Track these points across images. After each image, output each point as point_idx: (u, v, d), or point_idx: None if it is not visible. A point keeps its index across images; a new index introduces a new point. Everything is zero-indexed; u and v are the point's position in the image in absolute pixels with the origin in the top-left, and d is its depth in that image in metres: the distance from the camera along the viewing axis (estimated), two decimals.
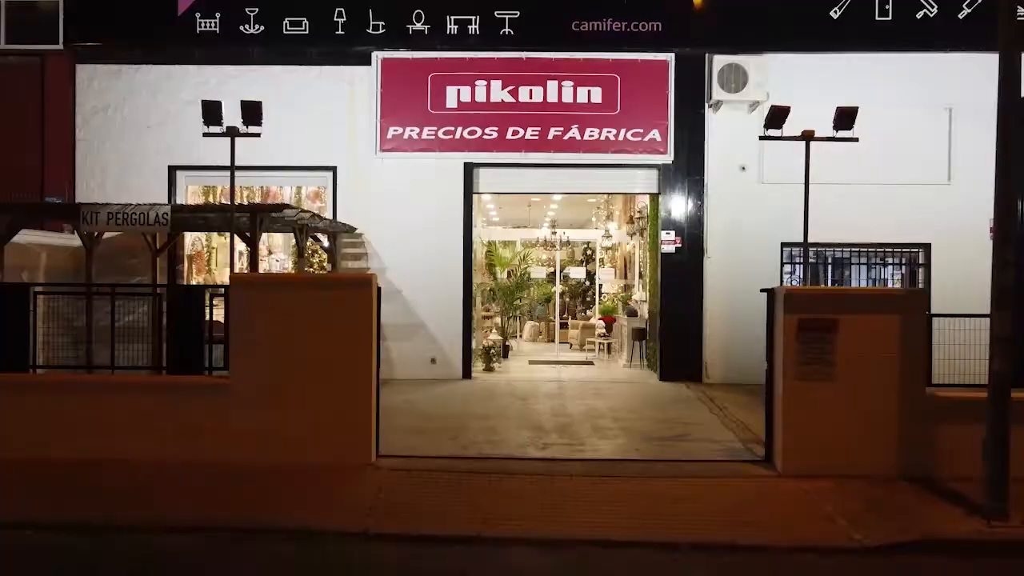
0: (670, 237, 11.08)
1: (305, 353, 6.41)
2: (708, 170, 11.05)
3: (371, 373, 6.52)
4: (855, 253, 11.42)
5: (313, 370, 6.41)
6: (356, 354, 6.45)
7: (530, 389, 10.42)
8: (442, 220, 11.15)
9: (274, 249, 13.71)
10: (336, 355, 6.42)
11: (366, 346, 6.47)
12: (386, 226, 11.12)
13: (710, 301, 11.05)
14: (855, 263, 11.54)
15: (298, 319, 6.41)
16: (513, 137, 11.04)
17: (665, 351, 11.15)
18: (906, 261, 11.71)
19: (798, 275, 11.45)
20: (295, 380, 6.40)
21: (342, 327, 6.43)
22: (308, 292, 6.51)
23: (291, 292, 6.54)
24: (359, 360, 6.46)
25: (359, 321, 6.46)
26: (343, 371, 6.43)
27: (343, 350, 6.42)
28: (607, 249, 14.77)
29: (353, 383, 6.46)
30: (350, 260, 11.20)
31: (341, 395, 6.43)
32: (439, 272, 11.14)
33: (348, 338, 6.43)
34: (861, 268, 11.73)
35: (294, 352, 6.40)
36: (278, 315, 6.41)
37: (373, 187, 11.13)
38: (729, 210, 11.05)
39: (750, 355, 10.90)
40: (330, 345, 6.41)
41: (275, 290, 6.53)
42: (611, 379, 11.52)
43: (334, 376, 6.42)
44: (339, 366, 6.43)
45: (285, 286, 6.63)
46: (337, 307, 6.46)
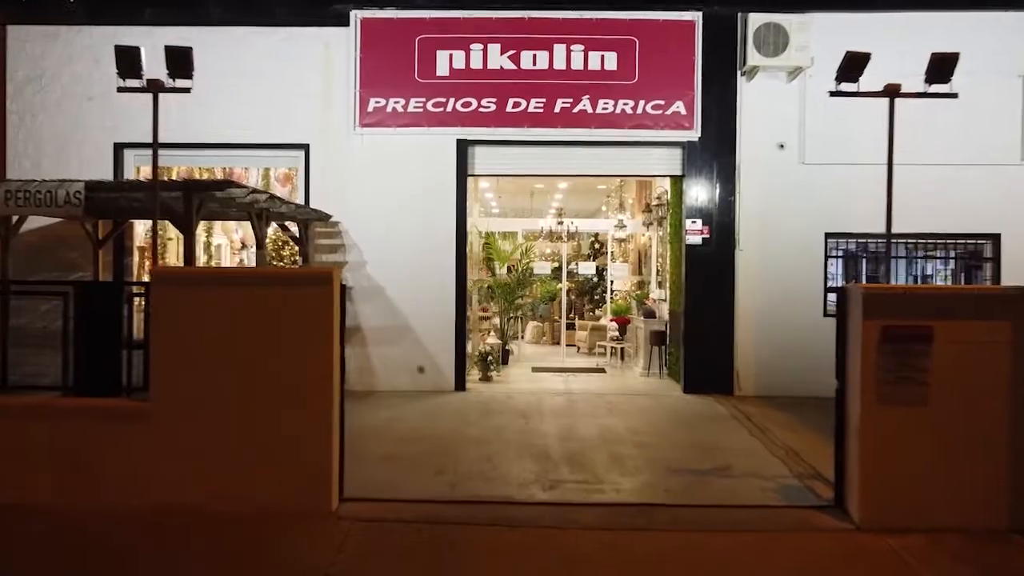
0: (696, 226, 9.77)
1: (247, 368, 5.14)
2: (740, 149, 9.74)
3: (332, 392, 5.24)
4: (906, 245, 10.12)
5: (257, 390, 5.14)
6: (313, 369, 5.18)
7: (533, 403, 9.12)
8: (432, 207, 9.86)
9: (249, 241, 12.42)
10: (287, 370, 5.14)
11: (326, 358, 5.19)
12: (367, 213, 9.84)
13: (742, 300, 9.75)
14: (902, 257, 10.25)
15: (238, 325, 5.14)
16: (514, 110, 9.74)
17: (690, 358, 9.86)
18: (964, 254, 10.42)
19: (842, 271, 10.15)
20: (233, 403, 5.13)
21: (295, 335, 5.15)
22: (252, 291, 5.22)
23: (230, 291, 5.25)
24: (317, 376, 5.19)
25: (317, 327, 5.18)
26: (296, 391, 5.16)
27: (296, 364, 5.15)
28: (620, 241, 13.49)
29: (309, 406, 5.19)
30: (324, 253, 9.91)
31: (293, 421, 5.15)
32: (428, 267, 9.85)
33: (303, 349, 5.16)
34: (899, 263, 10.44)
35: (232, 367, 5.13)
36: (213, 320, 5.14)
37: (351, 168, 9.84)
38: (765, 195, 9.75)
39: (789, 363, 9.64)
40: (279, 358, 5.14)
41: (209, 288, 5.24)
42: (627, 391, 10.22)
43: (284, 397, 5.15)
44: (291, 384, 5.15)
45: (222, 283, 5.34)
46: (289, 310, 5.17)
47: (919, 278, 10.81)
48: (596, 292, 17.16)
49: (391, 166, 9.85)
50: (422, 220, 9.85)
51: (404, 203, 9.84)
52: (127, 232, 9.88)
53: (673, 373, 10.85)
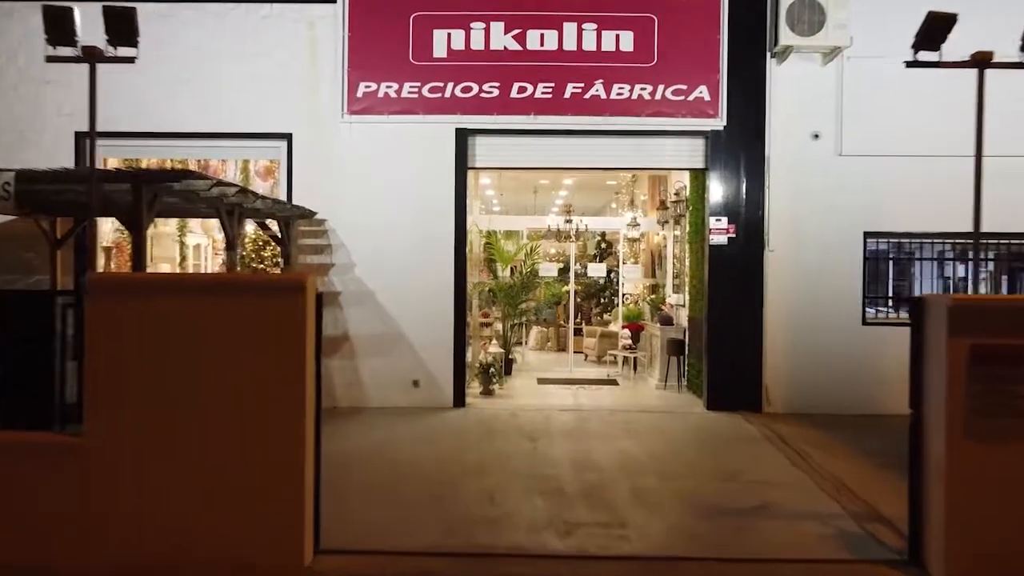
0: (721, 225, 8.93)
1: (202, 395, 4.30)
2: (770, 139, 8.90)
3: (304, 421, 4.42)
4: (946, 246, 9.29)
5: (215, 419, 4.31)
6: (282, 394, 4.35)
7: (540, 422, 8.29)
8: (428, 203, 9.03)
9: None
10: (252, 396, 4.32)
11: (297, 381, 4.37)
12: (356, 210, 9.00)
13: (772, 307, 8.91)
14: (929, 258, 9.43)
15: (192, 343, 4.30)
16: (519, 96, 8.90)
17: (713, 371, 9.01)
18: (1007, 255, 9.59)
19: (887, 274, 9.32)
20: (184, 436, 4.29)
21: (261, 353, 4.32)
22: (210, 302, 4.38)
23: (183, 302, 4.41)
24: (287, 403, 4.36)
25: (287, 343, 4.36)
26: (262, 420, 4.33)
27: (262, 388, 4.32)
28: (632, 241, 12.65)
29: (277, 438, 4.36)
30: (309, 253, 9.07)
31: (259, 457, 4.32)
32: (424, 269, 9.02)
33: (270, 370, 4.33)
34: (925, 265, 9.63)
35: (184, 393, 4.29)
36: (162, 337, 4.30)
37: (339, 160, 9.00)
38: (797, 190, 8.91)
39: (824, 377, 8.81)
40: (242, 380, 4.31)
41: (158, 299, 4.40)
42: (643, 406, 9.38)
43: (248, 428, 4.32)
44: (256, 412, 4.33)
45: (173, 293, 4.49)
46: (253, 324, 4.34)
47: (952, 285, 9.99)
48: (604, 295, 16.34)
49: (383, 158, 9.01)
50: (417, 218, 9.01)
51: (397, 199, 9.01)
52: (90, 230, 9.02)
53: (693, 386, 10.01)
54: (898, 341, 9.03)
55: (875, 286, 9.26)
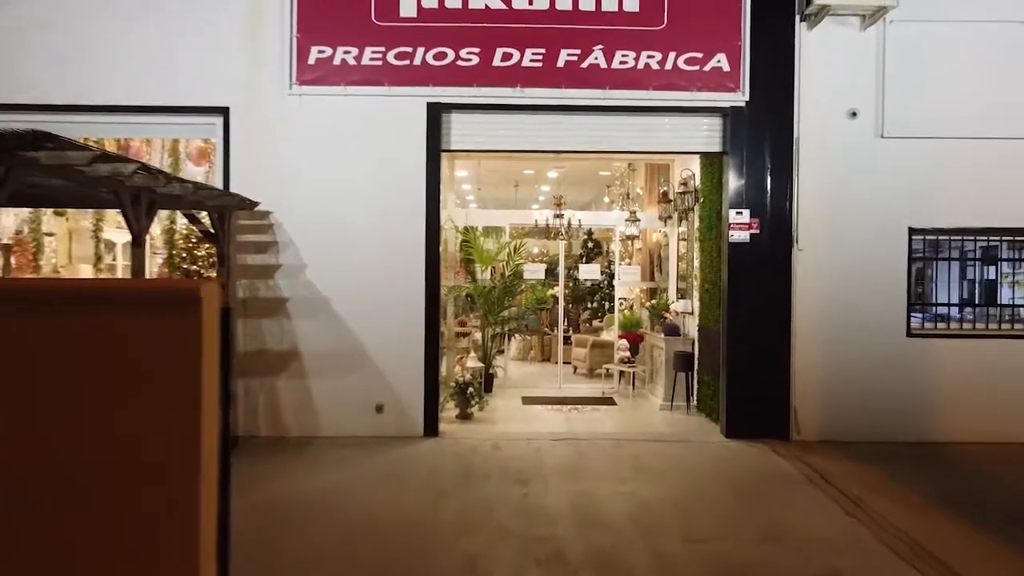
0: (743, 219, 7.71)
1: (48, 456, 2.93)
2: (800, 117, 7.70)
3: (197, 482, 3.06)
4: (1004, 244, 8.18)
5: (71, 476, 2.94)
6: (165, 443, 2.97)
7: (530, 457, 7.00)
8: (394, 193, 7.71)
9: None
10: (122, 445, 2.95)
11: (188, 425, 2.99)
12: (307, 201, 7.66)
13: (802, 315, 7.72)
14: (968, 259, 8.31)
15: (42, 372, 2.94)
16: (503, 64, 7.61)
17: (733, 391, 7.79)
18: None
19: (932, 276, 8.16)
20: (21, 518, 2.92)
21: (135, 386, 2.96)
22: (53, 322, 3.02)
23: (26, 320, 3.04)
24: (172, 457, 2.98)
25: (174, 373, 2.99)
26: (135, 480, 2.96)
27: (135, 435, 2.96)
28: (630, 239, 11.42)
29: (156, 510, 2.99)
30: (250, 252, 7.70)
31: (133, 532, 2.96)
32: (390, 271, 7.70)
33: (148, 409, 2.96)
34: (959, 267, 8.51)
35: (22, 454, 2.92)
36: None
37: (286, 140, 7.66)
38: (831, 178, 7.73)
39: (864, 398, 7.63)
40: (109, 423, 2.95)
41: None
42: (650, 433, 8.13)
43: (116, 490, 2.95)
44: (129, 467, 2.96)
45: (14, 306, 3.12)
46: (125, 348, 2.98)
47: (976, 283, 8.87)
48: (594, 299, 15.10)
49: (340, 138, 7.68)
50: (381, 210, 7.69)
51: (357, 187, 7.68)
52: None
53: (705, 408, 8.79)
54: (949, 355, 7.98)
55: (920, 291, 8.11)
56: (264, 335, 7.68)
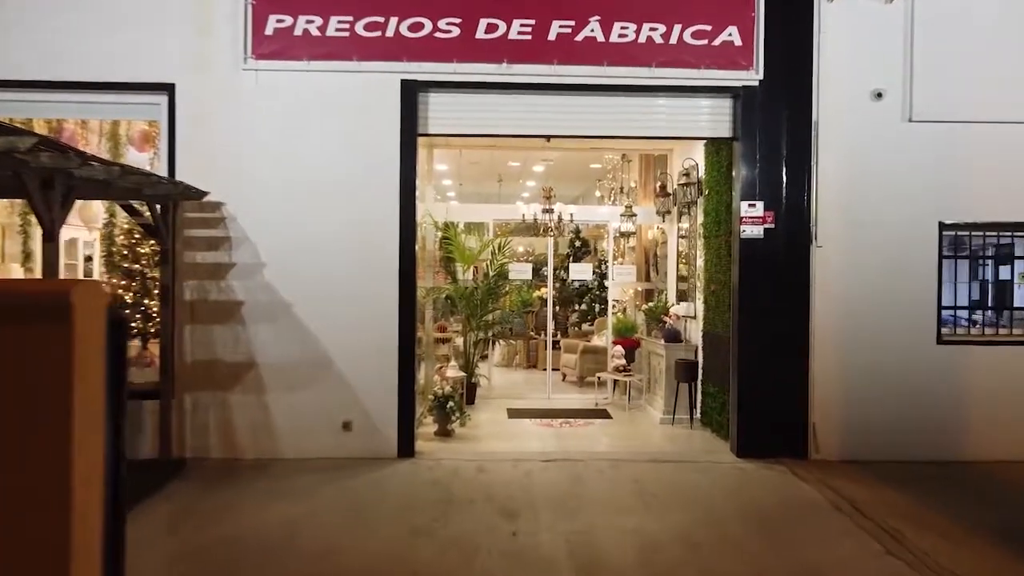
0: (756, 212, 6.98)
1: None
2: (820, 99, 6.99)
3: (67, 539, 2.25)
4: None
5: None
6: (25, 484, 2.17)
7: (518, 482, 6.22)
8: (365, 182, 6.91)
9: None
10: None
11: (57, 461, 2.20)
12: (265, 192, 6.84)
13: (821, 320, 7.00)
14: None
15: None
16: (487, 36, 6.83)
17: (745, 404, 7.06)
18: None
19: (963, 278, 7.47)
20: None
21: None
22: None
23: None
24: (35, 500, 2.18)
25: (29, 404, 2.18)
26: None
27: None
28: (624, 236, 10.67)
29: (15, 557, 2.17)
30: (200, 249, 6.86)
31: None
32: (359, 271, 6.90)
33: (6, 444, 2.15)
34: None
35: None
36: None
37: (241, 122, 6.83)
38: (854, 167, 7.02)
39: (890, 413, 6.94)
40: None
41: None
42: (652, 452, 7.38)
43: None
44: None
45: None
46: None
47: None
48: (583, 301, 14.36)
49: (302, 120, 6.86)
50: (350, 202, 6.89)
51: (322, 177, 6.87)
52: None
53: (711, 421, 8.05)
54: (983, 365, 7.29)
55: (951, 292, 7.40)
56: (215, 343, 6.83)
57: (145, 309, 7.36)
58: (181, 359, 6.77)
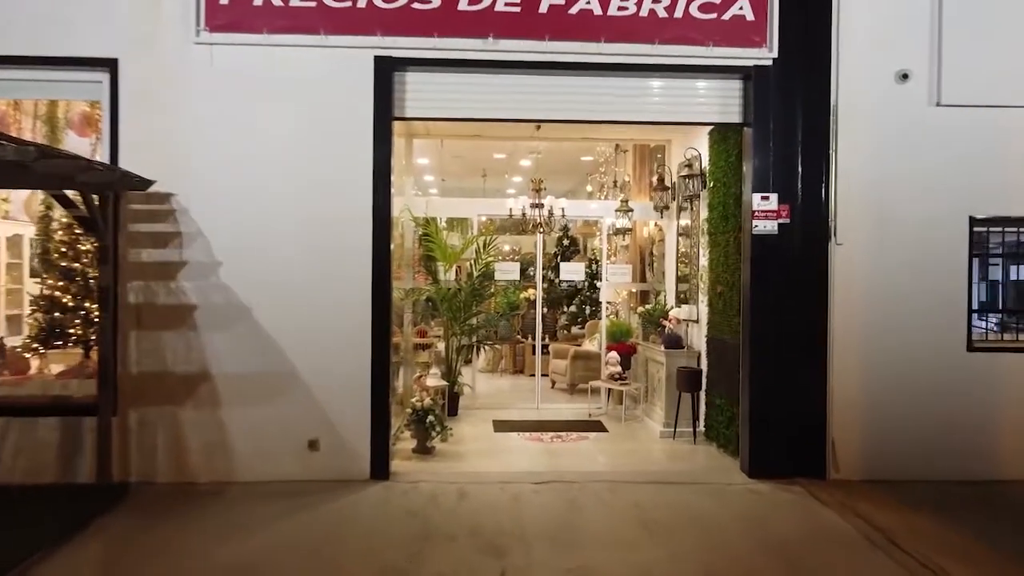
0: (769, 205, 6.36)
1: None
2: (839, 80, 6.37)
3: None
4: None
5: None
6: None
7: (505, 509, 5.56)
8: (333, 172, 6.23)
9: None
10: None
11: None
12: (220, 182, 6.14)
13: (841, 325, 6.40)
14: None
15: None
16: (471, 7, 6.17)
17: (757, 419, 6.43)
18: None
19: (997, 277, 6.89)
20: None
21: None
22: None
23: None
24: None
25: None
26: None
27: None
28: (620, 232, 10.02)
29: None
30: (146, 246, 6.14)
31: None
32: (328, 272, 6.22)
33: None
34: None
35: None
36: None
37: (193, 103, 6.12)
38: (877, 156, 6.42)
39: (916, 428, 6.35)
40: None
41: None
42: (655, 472, 6.74)
43: None
44: None
45: None
46: None
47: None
48: (573, 302, 13.74)
49: (263, 101, 6.17)
50: (317, 194, 6.20)
51: (285, 165, 6.18)
52: None
53: (717, 436, 7.43)
54: (1018, 373, 6.70)
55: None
56: (164, 352, 6.12)
57: (87, 313, 6.63)
58: (125, 370, 6.05)
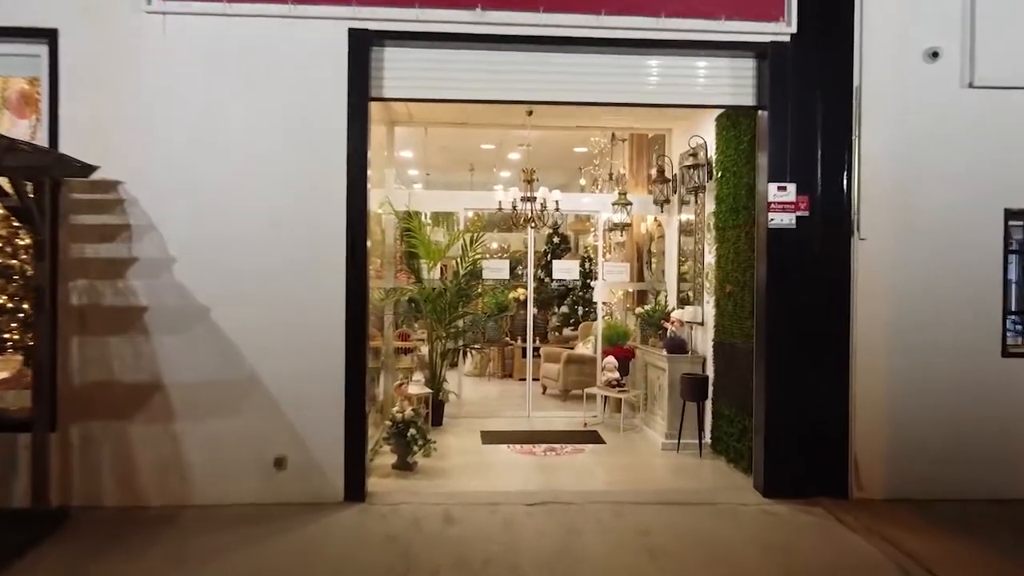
0: (787, 196, 5.80)
1: None
2: (863, 58, 5.83)
3: None
4: None
5: None
6: None
7: (497, 536, 4.97)
8: (302, 158, 5.62)
9: None
10: None
11: None
12: (173, 168, 5.52)
13: (864, 327, 5.86)
14: None
15: None
16: None
17: (773, 431, 5.88)
18: None
19: None
20: None
21: None
22: None
23: None
24: None
25: None
26: None
27: None
28: (617, 227, 9.45)
29: None
30: (91, 240, 5.50)
31: None
32: (296, 269, 5.61)
33: None
34: None
35: None
36: None
37: (142, 79, 5.50)
38: (904, 142, 5.88)
39: (947, 440, 5.82)
40: None
41: None
42: (660, 492, 6.17)
43: None
44: None
45: None
46: None
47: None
48: (564, 302, 13.19)
49: (223, 78, 5.55)
50: (283, 183, 5.59)
51: (248, 151, 5.57)
52: None
53: (726, 449, 6.88)
54: None
55: None
56: (111, 360, 5.49)
57: (26, 316, 5.97)
58: (66, 380, 5.42)
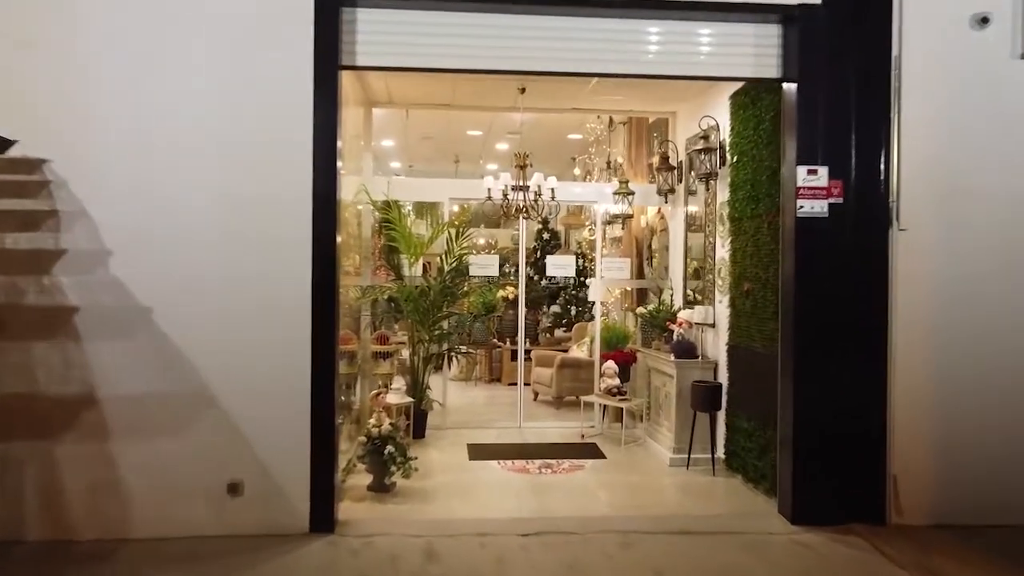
0: (818, 181, 5.14)
1: None
2: (903, 26, 5.17)
3: None
4: None
5: None
6: None
7: (485, 574, 4.28)
8: (260, 135, 4.91)
9: None
10: None
11: None
12: (109, 145, 4.79)
13: (905, 329, 5.20)
14: None
15: None
16: None
17: (801, 451, 5.21)
18: None
19: None
20: None
21: None
22: None
23: None
24: None
25: None
26: None
27: None
28: (617, 219, 8.77)
29: None
30: (10, 230, 4.76)
31: None
32: (253, 263, 4.89)
33: None
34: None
35: None
36: None
37: (74, 42, 4.77)
38: (948, 120, 5.23)
39: (1000, 459, 5.17)
40: None
41: None
42: (672, 518, 5.49)
43: None
44: None
45: None
46: None
47: None
48: (556, 301, 12.52)
49: (166, 41, 4.82)
50: (238, 163, 4.87)
51: (196, 126, 4.84)
52: None
53: (743, 466, 6.21)
54: None
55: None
56: (35, 369, 4.74)
57: None
58: None
